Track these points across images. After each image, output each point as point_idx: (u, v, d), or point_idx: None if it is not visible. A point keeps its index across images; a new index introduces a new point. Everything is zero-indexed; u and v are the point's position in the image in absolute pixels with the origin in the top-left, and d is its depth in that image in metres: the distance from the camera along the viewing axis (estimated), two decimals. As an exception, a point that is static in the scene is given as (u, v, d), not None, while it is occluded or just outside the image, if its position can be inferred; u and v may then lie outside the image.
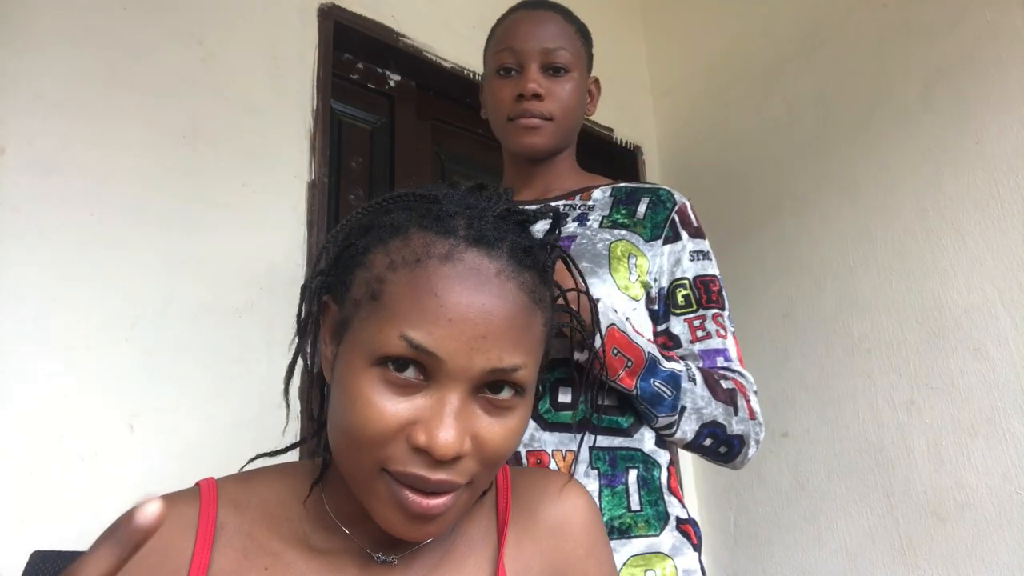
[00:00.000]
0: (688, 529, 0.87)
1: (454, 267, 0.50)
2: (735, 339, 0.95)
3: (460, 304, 0.49)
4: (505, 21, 1.04)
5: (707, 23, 2.36)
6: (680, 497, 0.90)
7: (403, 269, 0.51)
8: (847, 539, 1.71)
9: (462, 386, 0.50)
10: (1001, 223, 1.54)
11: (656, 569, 0.82)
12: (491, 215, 0.54)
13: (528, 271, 0.54)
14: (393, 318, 0.50)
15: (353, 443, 0.51)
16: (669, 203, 0.99)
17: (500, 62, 1.00)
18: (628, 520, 0.84)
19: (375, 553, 0.57)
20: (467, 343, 0.49)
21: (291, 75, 1.57)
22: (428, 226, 0.53)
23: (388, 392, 0.50)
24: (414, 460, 0.49)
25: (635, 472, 0.86)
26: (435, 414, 0.49)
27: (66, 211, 1.20)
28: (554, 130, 0.99)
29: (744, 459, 0.91)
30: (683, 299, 0.95)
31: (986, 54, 1.60)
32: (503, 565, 0.60)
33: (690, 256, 0.96)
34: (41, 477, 1.08)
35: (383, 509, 0.51)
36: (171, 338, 1.26)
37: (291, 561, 0.56)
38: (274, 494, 0.59)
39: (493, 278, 0.51)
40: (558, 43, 0.99)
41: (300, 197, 1.50)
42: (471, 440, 0.50)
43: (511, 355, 0.50)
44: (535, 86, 0.97)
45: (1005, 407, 1.48)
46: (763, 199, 2.03)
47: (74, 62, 1.27)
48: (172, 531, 0.54)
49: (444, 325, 0.49)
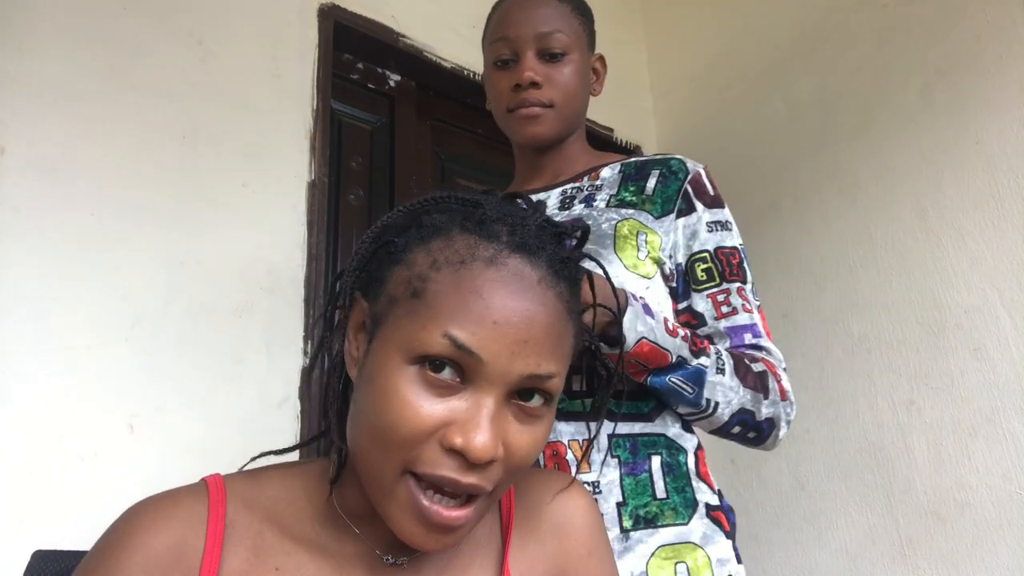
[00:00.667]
0: (719, 516, 0.84)
1: (498, 271, 0.51)
2: (761, 313, 0.92)
3: (505, 308, 0.50)
4: (499, 9, 1.01)
5: (707, 23, 2.36)
6: (711, 483, 0.86)
7: (447, 268, 0.51)
8: (847, 539, 1.71)
9: (498, 390, 0.50)
10: (1001, 223, 1.54)
11: (687, 561, 0.79)
12: (532, 224, 0.55)
13: (564, 282, 0.54)
14: (437, 317, 0.49)
15: (382, 442, 0.50)
16: (681, 173, 0.94)
17: (496, 53, 0.98)
18: (654, 509, 0.81)
19: (384, 555, 0.57)
20: (509, 347, 0.49)
21: (291, 75, 1.57)
22: (471, 229, 0.53)
23: (424, 392, 0.49)
24: (446, 462, 0.49)
25: (658, 459, 0.83)
26: (471, 416, 0.49)
27: (66, 211, 1.20)
28: (555, 117, 0.97)
29: (775, 441, 0.88)
30: (703, 273, 0.90)
31: (986, 54, 1.60)
32: (508, 567, 0.60)
33: (707, 227, 0.92)
34: (41, 477, 1.08)
35: (401, 516, 0.50)
36: (171, 338, 1.26)
37: (302, 562, 0.55)
38: (284, 493, 0.59)
39: (535, 285, 0.52)
40: (553, 26, 0.95)
41: (300, 197, 1.50)
42: (503, 447, 0.50)
43: (549, 362, 0.51)
44: (531, 74, 0.94)
45: (1005, 407, 1.48)
46: (763, 199, 2.03)
47: (74, 62, 1.27)
48: (183, 528, 0.53)
49: (488, 327, 0.49)
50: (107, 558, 0.52)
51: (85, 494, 1.11)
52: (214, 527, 0.54)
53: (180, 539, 0.53)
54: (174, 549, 0.52)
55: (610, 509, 0.80)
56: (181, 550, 0.52)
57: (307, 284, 1.44)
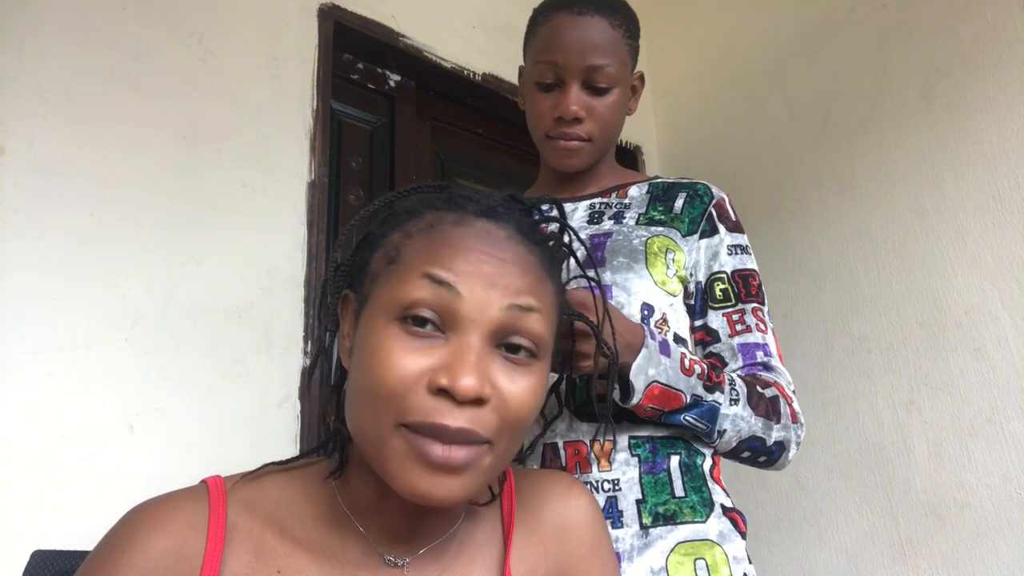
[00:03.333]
0: (735, 516, 0.86)
1: (466, 230, 0.54)
2: (774, 335, 0.94)
3: (476, 250, 0.52)
4: (548, 21, 0.95)
5: (707, 23, 2.36)
6: (723, 487, 0.88)
7: (418, 236, 0.55)
8: (847, 539, 1.71)
9: (481, 330, 0.51)
10: (1001, 223, 1.54)
11: (705, 558, 0.80)
12: (498, 198, 0.58)
13: (536, 244, 0.56)
14: (413, 266, 0.52)
15: (375, 399, 0.51)
16: (707, 197, 0.97)
17: (540, 75, 0.94)
18: (673, 506, 0.82)
19: (386, 554, 0.57)
20: (485, 280, 0.51)
21: (291, 75, 1.57)
22: (439, 206, 0.57)
23: (409, 342, 0.51)
24: (435, 407, 0.49)
25: (677, 458, 0.85)
26: (456, 358, 0.50)
27: (66, 211, 1.20)
28: (592, 149, 0.96)
29: (785, 462, 0.90)
30: (721, 293, 0.93)
31: (986, 54, 1.60)
32: (509, 567, 0.60)
33: (728, 250, 0.95)
34: (41, 477, 1.08)
35: (400, 467, 0.50)
36: (171, 338, 1.26)
37: (303, 564, 0.55)
38: (285, 495, 0.58)
39: (504, 240, 0.54)
40: (603, 59, 0.92)
41: (300, 197, 1.50)
42: (492, 390, 0.50)
43: (527, 296, 0.52)
44: (576, 109, 0.92)
45: (1005, 407, 1.48)
46: (763, 199, 2.03)
47: (74, 62, 1.27)
48: (184, 531, 0.53)
49: (462, 263, 0.52)
50: (107, 561, 0.52)
51: (85, 494, 1.11)
52: (215, 530, 0.53)
53: (180, 542, 0.53)
54: (174, 552, 0.52)
55: (630, 506, 0.82)
56: (181, 553, 0.52)
57: (307, 284, 1.44)
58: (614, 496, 0.82)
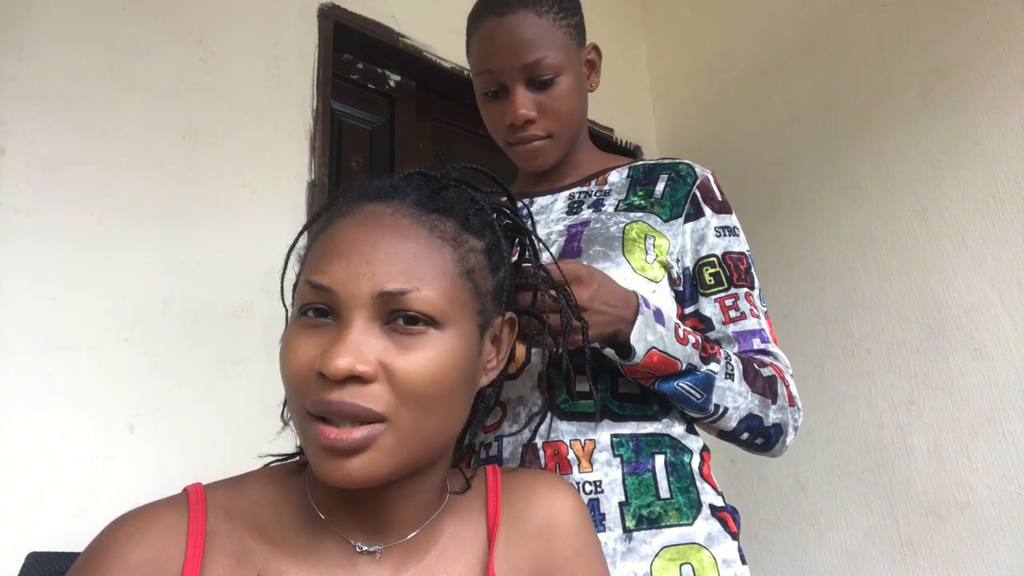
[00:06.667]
0: (725, 516, 0.83)
1: (352, 217, 0.57)
2: (768, 319, 0.92)
3: (348, 240, 0.55)
4: (477, 32, 0.94)
5: (707, 23, 2.36)
6: (714, 484, 0.85)
7: (314, 241, 0.59)
8: (847, 539, 1.71)
9: (360, 313, 0.52)
10: (1001, 223, 1.54)
11: (691, 562, 0.78)
12: (398, 178, 0.61)
13: (435, 214, 0.57)
14: (304, 273, 0.56)
15: (287, 391, 0.54)
16: (690, 178, 0.94)
17: (484, 86, 0.93)
18: (658, 508, 0.80)
19: (356, 543, 0.57)
20: (353, 271, 0.53)
21: (291, 75, 1.57)
22: (340, 199, 0.60)
23: (305, 335, 0.54)
24: (320, 389, 0.51)
25: (662, 458, 0.82)
26: (332, 342, 0.52)
27: (66, 211, 1.20)
28: (556, 144, 0.94)
29: (782, 447, 0.88)
30: (712, 278, 0.90)
31: (986, 54, 1.60)
32: (493, 566, 0.60)
33: (716, 232, 0.91)
34: (41, 477, 1.08)
35: (312, 452, 0.52)
36: (171, 338, 1.26)
37: (283, 566, 0.55)
38: (264, 497, 0.59)
39: (386, 217, 0.56)
40: (538, 52, 0.88)
41: (300, 197, 1.50)
42: (380, 367, 0.51)
43: (397, 280, 0.53)
44: (525, 112, 0.90)
45: (1005, 407, 1.48)
46: (763, 199, 2.04)
47: (74, 62, 1.27)
48: (162, 540, 0.53)
49: (333, 261, 0.54)
50: (86, 573, 0.52)
51: (85, 494, 1.11)
52: (194, 537, 0.54)
53: (159, 551, 0.53)
54: (152, 562, 0.52)
55: (612, 509, 0.79)
56: (159, 563, 0.53)
57: (307, 284, 1.44)
58: (596, 499, 0.79)
